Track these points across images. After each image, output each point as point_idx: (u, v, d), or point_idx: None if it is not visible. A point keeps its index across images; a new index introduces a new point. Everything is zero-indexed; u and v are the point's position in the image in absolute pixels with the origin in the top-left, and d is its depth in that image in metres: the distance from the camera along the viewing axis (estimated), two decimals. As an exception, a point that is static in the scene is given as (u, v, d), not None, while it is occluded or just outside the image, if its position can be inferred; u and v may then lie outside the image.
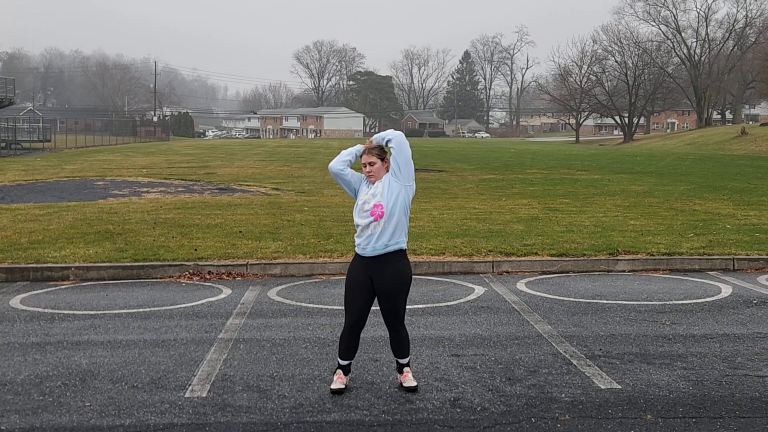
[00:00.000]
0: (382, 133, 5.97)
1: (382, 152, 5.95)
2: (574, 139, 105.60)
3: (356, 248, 5.97)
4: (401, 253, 5.89)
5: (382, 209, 5.78)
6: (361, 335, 6.21)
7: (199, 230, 13.84)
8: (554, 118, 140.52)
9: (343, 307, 8.74)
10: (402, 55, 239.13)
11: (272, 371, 6.45)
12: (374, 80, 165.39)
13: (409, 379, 6.00)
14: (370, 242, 5.82)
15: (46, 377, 6.31)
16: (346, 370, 6.03)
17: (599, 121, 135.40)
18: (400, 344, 6.03)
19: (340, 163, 6.00)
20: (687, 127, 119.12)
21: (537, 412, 5.50)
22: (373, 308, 8.84)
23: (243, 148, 63.71)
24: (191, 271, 10.87)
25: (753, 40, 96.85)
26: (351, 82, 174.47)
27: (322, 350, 7.09)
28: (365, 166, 5.94)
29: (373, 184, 5.91)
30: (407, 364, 6.09)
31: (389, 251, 5.83)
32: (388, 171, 5.93)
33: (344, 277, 10.28)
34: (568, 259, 11.45)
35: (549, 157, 46.67)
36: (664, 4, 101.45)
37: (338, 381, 5.95)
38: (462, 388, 6.01)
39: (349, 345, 5.99)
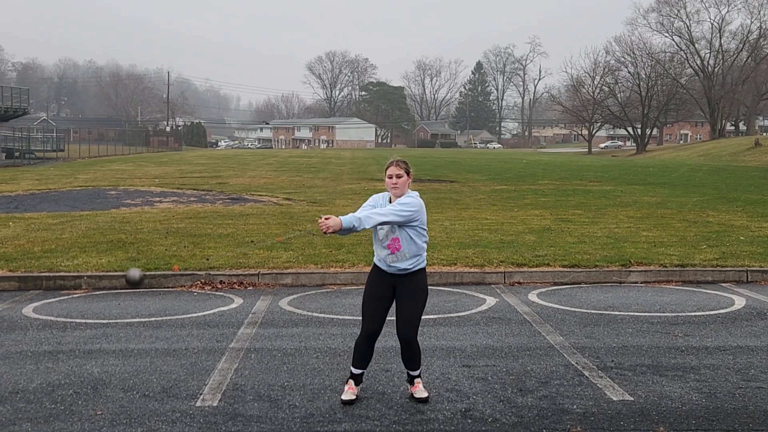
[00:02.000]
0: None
1: (407, 166, 6.01)
2: (587, 150, 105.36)
3: (377, 261, 6.00)
4: (422, 270, 5.97)
5: (399, 243, 5.86)
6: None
7: (210, 240, 13.88)
8: (567, 129, 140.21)
9: (353, 317, 8.78)
10: (414, 66, 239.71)
11: (283, 381, 6.44)
12: (386, 91, 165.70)
13: (419, 390, 5.98)
14: (391, 265, 5.91)
15: (58, 385, 6.33)
16: (357, 380, 6.02)
17: (611, 132, 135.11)
18: (412, 358, 6.00)
19: (365, 218, 5.74)
20: (700, 139, 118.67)
21: (548, 423, 5.47)
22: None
23: (255, 158, 63.91)
24: (203, 280, 10.89)
25: (767, 51, 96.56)
26: (363, 93, 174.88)
27: (333, 360, 7.08)
28: (391, 178, 5.95)
29: (397, 197, 5.90)
30: (418, 376, 6.08)
31: (410, 272, 5.92)
32: (409, 186, 5.97)
33: (355, 287, 10.43)
34: (580, 270, 11.41)
35: (561, 168, 46.60)
36: (677, 15, 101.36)
37: (349, 392, 5.94)
38: (473, 398, 5.99)
39: (364, 353, 5.98)
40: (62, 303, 9.81)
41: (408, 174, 5.97)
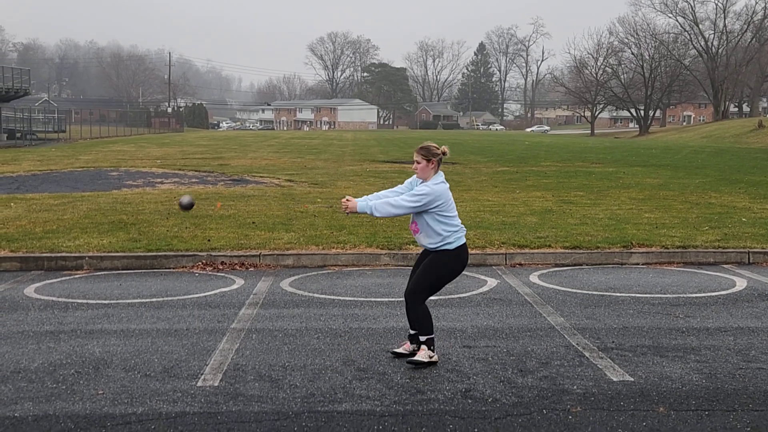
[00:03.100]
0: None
1: (427, 153, 6.38)
2: (589, 131, 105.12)
3: None
4: (447, 252, 6.40)
5: (417, 227, 6.49)
6: (373, 326, 7.11)
7: (212, 221, 13.88)
8: (569, 111, 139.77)
9: (354, 298, 8.83)
10: (416, 47, 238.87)
11: (284, 361, 6.46)
12: (388, 72, 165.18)
13: (419, 354, 6.32)
14: (417, 241, 6.67)
15: (60, 365, 6.35)
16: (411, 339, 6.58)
17: (614, 114, 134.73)
18: (410, 317, 6.49)
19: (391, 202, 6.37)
20: (703, 120, 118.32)
21: (548, 403, 5.48)
22: (380, 299, 8.85)
23: (257, 139, 63.85)
24: (204, 261, 10.90)
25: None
26: (365, 74, 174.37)
27: (334, 341, 7.10)
28: (413, 164, 6.47)
29: (423, 180, 6.44)
30: (424, 343, 6.36)
31: (434, 249, 6.46)
32: (436, 171, 6.41)
33: (356, 268, 10.72)
34: (581, 251, 11.41)
35: (563, 150, 46.52)
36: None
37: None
38: (473, 379, 6.00)
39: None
40: (64, 283, 9.83)
41: (428, 161, 6.37)
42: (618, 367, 6.33)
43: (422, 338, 6.36)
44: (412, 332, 6.50)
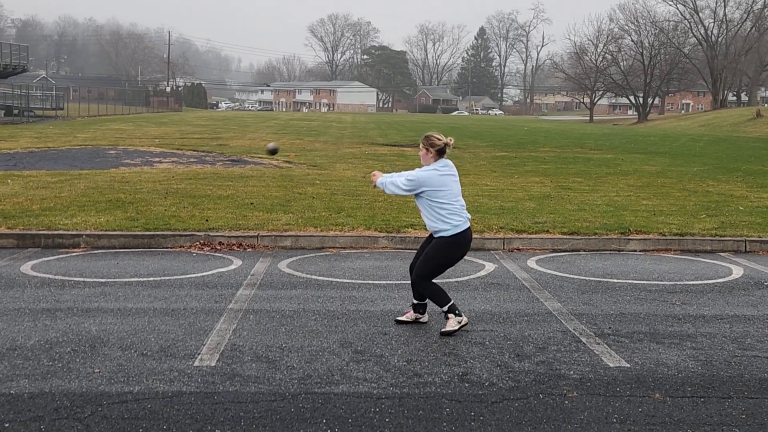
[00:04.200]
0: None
1: (425, 142, 6.86)
2: (588, 118, 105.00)
3: None
4: (445, 239, 6.75)
5: (420, 210, 6.97)
6: (371, 309, 7.45)
7: (210, 201, 13.85)
8: (569, 97, 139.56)
9: (352, 280, 8.87)
10: (417, 30, 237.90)
11: (281, 342, 6.46)
12: (388, 55, 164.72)
13: (446, 325, 6.72)
14: None
15: (56, 343, 6.34)
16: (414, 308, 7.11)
17: (614, 101, 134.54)
18: (416, 292, 7.00)
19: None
20: (702, 109, 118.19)
21: (545, 388, 5.49)
22: (378, 282, 8.86)
23: (255, 120, 63.70)
24: (202, 241, 10.89)
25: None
26: (365, 57, 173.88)
27: (332, 323, 7.10)
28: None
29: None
30: (444, 314, 6.76)
31: (436, 235, 6.86)
32: (436, 159, 6.85)
33: (354, 250, 10.76)
34: (579, 237, 11.41)
35: (562, 136, 46.47)
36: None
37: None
38: (470, 363, 6.01)
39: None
40: (60, 261, 9.81)
41: (427, 149, 6.83)
42: (614, 353, 6.34)
43: (444, 310, 6.75)
44: (415, 302, 7.04)
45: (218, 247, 10.76)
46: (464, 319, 6.71)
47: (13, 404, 5.05)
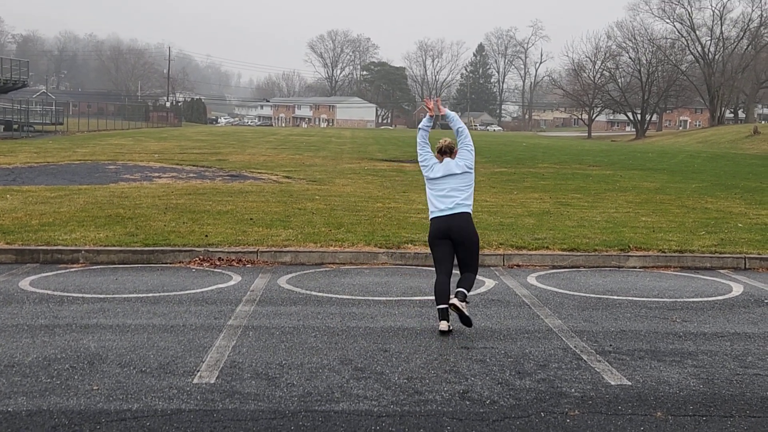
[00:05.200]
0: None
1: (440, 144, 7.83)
2: (586, 134, 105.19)
3: None
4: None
5: None
6: (371, 325, 7.54)
7: (209, 216, 13.84)
8: (567, 113, 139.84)
9: (352, 297, 8.82)
10: (416, 47, 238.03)
11: (281, 359, 6.43)
12: (388, 71, 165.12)
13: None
14: None
15: (54, 360, 6.31)
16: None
17: (611, 117, 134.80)
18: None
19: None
20: (699, 125, 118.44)
21: (546, 406, 5.46)
22: (378, 298, 8.83)
23: (255, 135, 63.77)
24: (201, 257, 10.87)
25: (767, 39, 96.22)
26: (364, 72, 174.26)
27: (332, 339, 7.07)
28: None
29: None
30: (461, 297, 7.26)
31: None
32: (441, 160, 7.70)
33: (354, 266, 10.73)
34: (579, 254, 11.40)
35: (561, 152, 46.54)
36: (679, 2, 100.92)
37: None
38: (471, 380, 5.98)
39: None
40: (59, 277, 9.79)
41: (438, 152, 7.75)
42: (616, 370, 6.31)
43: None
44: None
45: (218, 263, 10.74)
46: (440, 325, 7.39)
47: (11, 422, 5.01)
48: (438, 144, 7.67)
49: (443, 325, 7.25)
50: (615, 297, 9.19)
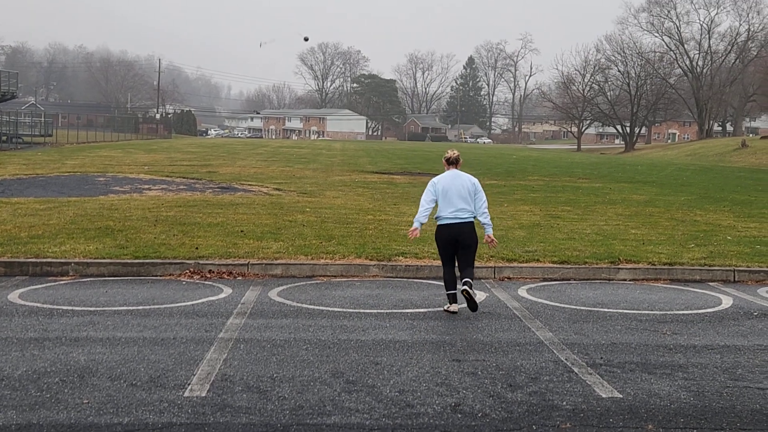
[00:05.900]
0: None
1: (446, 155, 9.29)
2: (576, 147, 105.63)
3: None
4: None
5: None
6: (362, 338, 7.57)
7: (200, 229, 13.81)
8: (556, 126, 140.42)
9: (343, 309, 8.82)
10: (406, 59, 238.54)
11: (272, 372, 6.41)
12: (378, 83, 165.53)
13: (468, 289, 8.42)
14: None
15: (44, 373, 6.27)
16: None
17: (601, 130, 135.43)
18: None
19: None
20: (688, 138, 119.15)
21: (538, 419, 5.47)
22: (369, 310, 8.83)
23: (245, 147, 63.74)
24: (192, 269, 10.84)
25: (755, 53, 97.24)
26: (355, 85, 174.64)
27: (323, 352, 7.06)
28: None
29: None
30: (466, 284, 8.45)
31: None
32: (448, 168, 9.26)
33: (345, 278, 10.78)
34: (569, 266, 11.43)
35: (551, 165, 46.69)
36: (667, 16, 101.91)
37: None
38: (463, 393, 5.98)
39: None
40: (49, 289, 9.74)
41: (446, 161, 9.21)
42: (607, 383, 6.32)
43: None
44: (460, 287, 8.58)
45: (208, 276, 10.72)
46: (449, 306, 8.85)
47: (1, 435, 4.98)
48: (446, 155, 9.10)
49: (454, 307, 8.74)
50: (605, 309, 9.21)
